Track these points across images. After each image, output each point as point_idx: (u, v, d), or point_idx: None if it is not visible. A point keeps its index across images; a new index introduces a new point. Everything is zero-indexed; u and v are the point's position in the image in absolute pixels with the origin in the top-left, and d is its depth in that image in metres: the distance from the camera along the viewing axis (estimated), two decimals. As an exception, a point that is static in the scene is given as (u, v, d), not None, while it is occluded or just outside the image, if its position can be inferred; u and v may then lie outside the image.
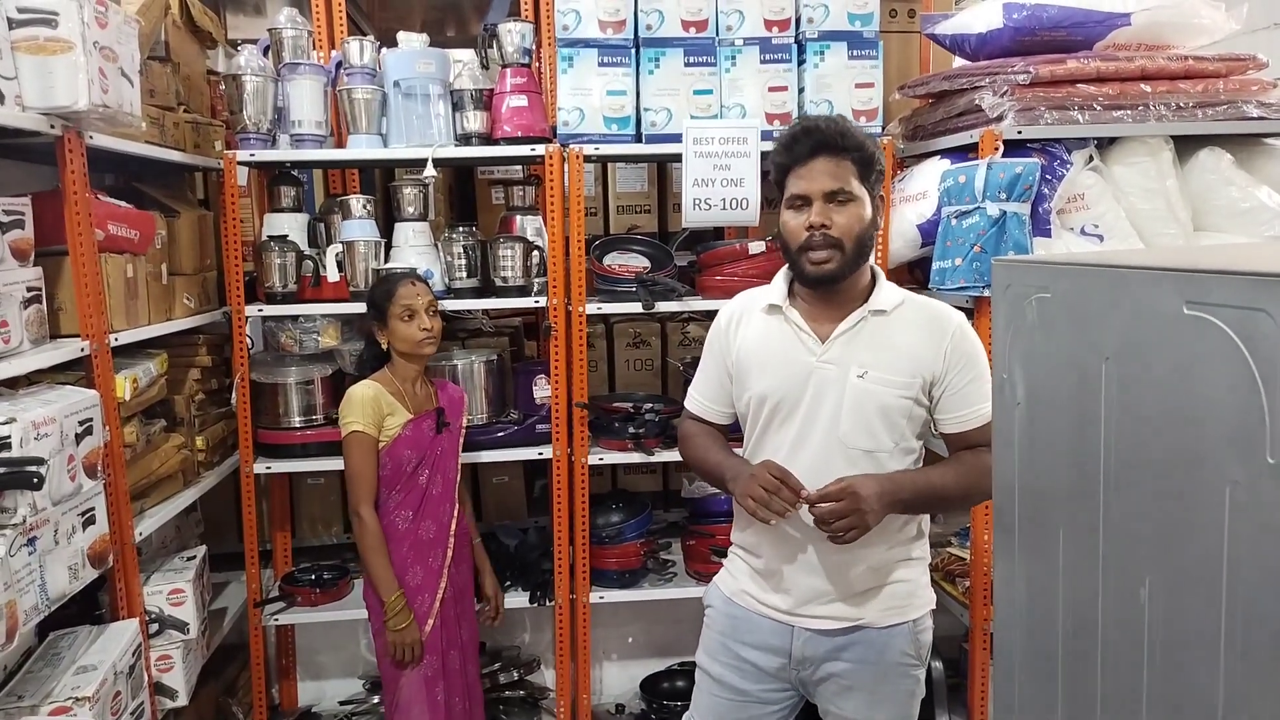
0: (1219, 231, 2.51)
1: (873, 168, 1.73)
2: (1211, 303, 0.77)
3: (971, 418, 1.75)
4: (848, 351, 1.74)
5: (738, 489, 1.74)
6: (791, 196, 1.74)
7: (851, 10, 2.74)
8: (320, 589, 2.89)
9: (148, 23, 2.39)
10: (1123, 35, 2.54)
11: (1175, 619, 0.83)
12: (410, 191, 2.78)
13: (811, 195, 1.70)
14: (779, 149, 1.77)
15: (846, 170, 1.70)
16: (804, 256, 1.72)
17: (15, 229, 1.92)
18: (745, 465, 1.80)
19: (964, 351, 1.75)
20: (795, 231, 1.73)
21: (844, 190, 1.70)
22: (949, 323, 1.77)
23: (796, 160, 1.72)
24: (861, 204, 1.71)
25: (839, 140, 1.70)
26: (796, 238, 1.73)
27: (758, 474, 1.70)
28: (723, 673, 1.89)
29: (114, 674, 2.01)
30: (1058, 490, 1.01)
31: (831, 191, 1.70)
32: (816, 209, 1.70)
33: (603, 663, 3.24)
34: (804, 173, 1.71)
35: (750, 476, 1.71)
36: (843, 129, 1.72)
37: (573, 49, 2.71)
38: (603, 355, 3.26)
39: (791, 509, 1.67)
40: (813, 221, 1.70)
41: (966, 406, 1.75)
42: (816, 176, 1.70)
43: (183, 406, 2.61)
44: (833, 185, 1.69)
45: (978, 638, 2.63)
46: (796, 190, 1.73)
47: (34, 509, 1.75)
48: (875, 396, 1.72)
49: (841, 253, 1.70)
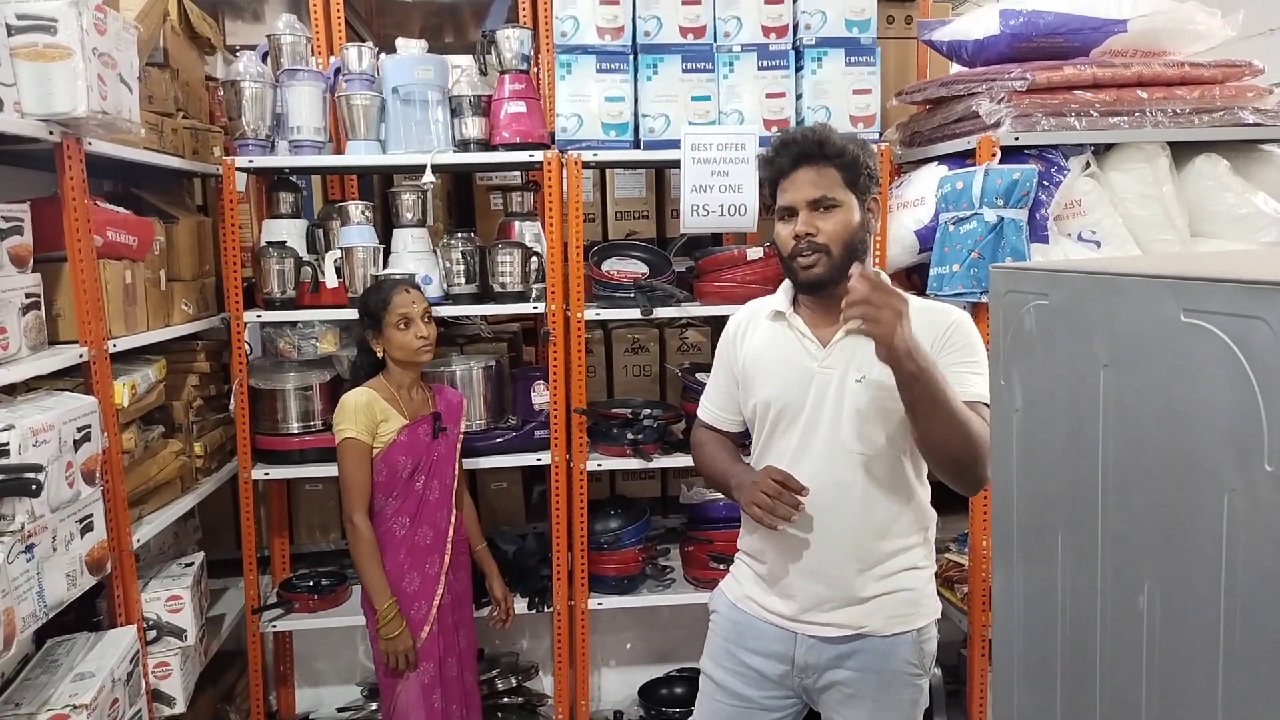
0: (1215, 237, 2.52)
1: (859, 172, 1.74)
2: (1209, 310, 0.77)
3: (964, 393, 1.64)
4: (848, 356, 1.75)
5: (742, 497, 1.76)
6: (780, 209, 1.77)
7: (849, 17, 2.75)
8: (318, 595, 2.88)
9: (146, 29, 2.39)
10: (1119, 42, 2.55)
11: (1174, 626, 0.83)
12: (409, 197, 2.79)
13: (796, 205, 1.74)
14: (763, 164, 1.81)
15: (829, 178, 1.72)
16: (795, 264, 1.76)
17: (14, 235, 1.92)
18: (749, 473, 1.81)
19: (958, 339, 1.73)
20: (785, 241, 1.76)
21: (827, 197, 1.72)
22: (947, 317, 1.76)
23: (780, 173, 1.76)
24: (848, 209, 1.73)
25: (817, 149, 1.73)
26: (787, 247, 1.76)
27: (760, 481, 1.71)
28: (726, 678, 1.88)
29: (112, 681, 2.00)
30: (1056, 497, 1.01)
31: (815, 200, 1.72)
32: (802, 218, 1.73)
33: (601, 669, 3.23)
34: (787, 185, 1.75)
35: (753, 484, 1.72)
36: (821, 138, 1.74)
37: (571, 55, 2.72)
38: (601, 361, 3.26)
39: (796, 513, 1.68)
40: (798, 231, 1.73)
41: (959, 384, 1.65)
42: (800, 187, 1.73)
43: (181, 413, 2.61)
44: (815, 194, 1.72)
45: (976, 644, 2.63)
46: (783, 202, 1.76)
47: (32, 516, 1.74)
48: (874, 400, 1.72)
49: (829, 256, 1.72)
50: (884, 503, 1.76)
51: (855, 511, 1.75)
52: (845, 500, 1.74)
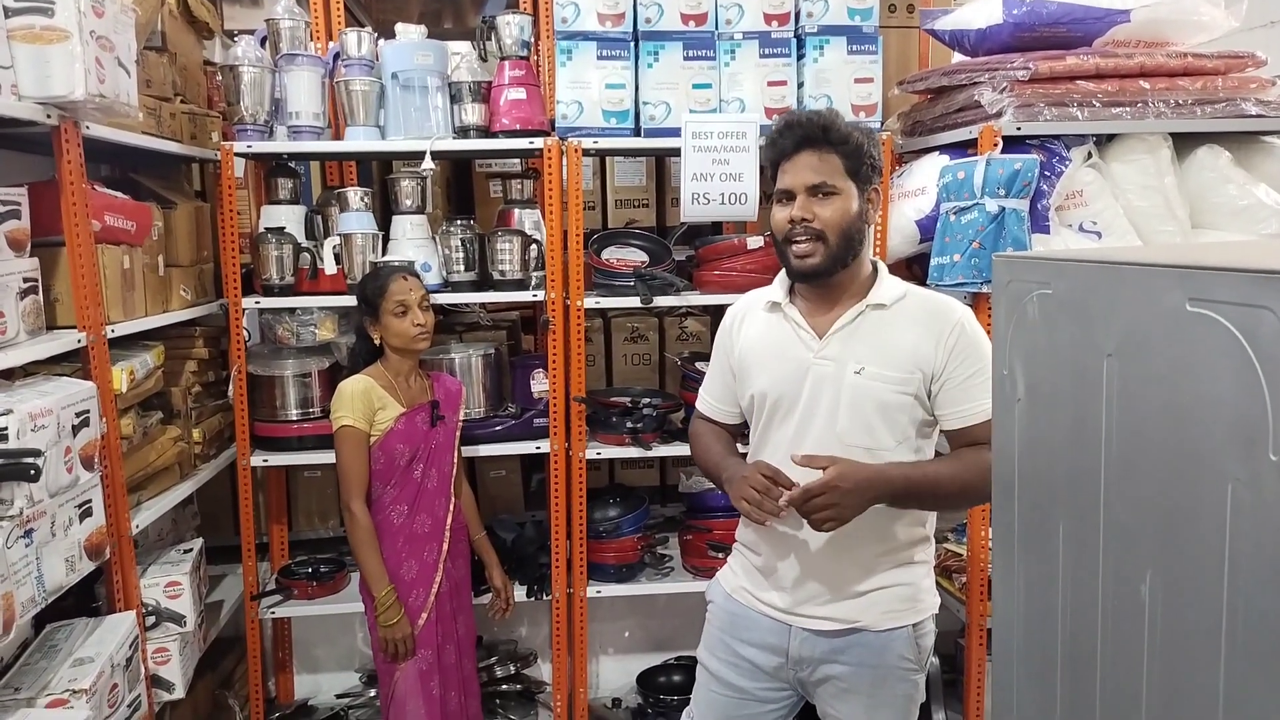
0: (1217, 229, 2.51)
1: (862, 161, 1.72)
2: (1215, 300, 0.77)
3: (973, 413, 1.69)
4: (845, 347, 1.73)
5: (732, 491, 1.75)
6: (778, 191, 1.76)
7: (851, 5, 2.74)
8: (317, 582, 2.88)
9: (144, 12, 2.38)
10: (1122, 32, 2.54)
11: (1176, 616, 0.83)
12: (408, 184, 2.78)
13: (795, 189, 1.72)
14: (767, 144, 1.80)
15: (831, 164, 1.71)
16: (789, 249, 1.74)
17: (11, 219, 1.91)
18: (741, 466, 1.80)
19: (965, 345, 1.71)
20: (780, 224, 1.75)
21: (827, 184, 1.70)
22: (951, 316, 1.73)
23: (782, 155, 1.74)
24: (847, 197, 1.71)
25: (822, 134, 1.71)
26: (781, 231, 1.75)
27: (749, 475, 1.70)
28: (721, 669, 1.89)
29: (111, 666, 2.00)
30: (1058, 487, 1.01)
31: (814, 185, 1.70)
32: (799, 203, 1.71)
33: (599, 657, 3.24)
34: (789, 167, 1.73)
35: (742, 478, 1.71)
36: (826, 123, 1.72)
37: (571, 42, 2.71)
38: (600, 349, 3.25)
39: (783, 509, 1.66)
40: (794, 215, 1.71)
41: (968, 401, 1.70)
42: (800, 170, 1.71)
43: (179, 399, 2.60)
44: (815, 179, 1.70)
45: (974, 634, 2.64)
46: (782, 184, 1.74)
47: (31, 501, 1.74)
48: (873, 393, 1.71)
49: (825, 245, 1.70)
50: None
51: None
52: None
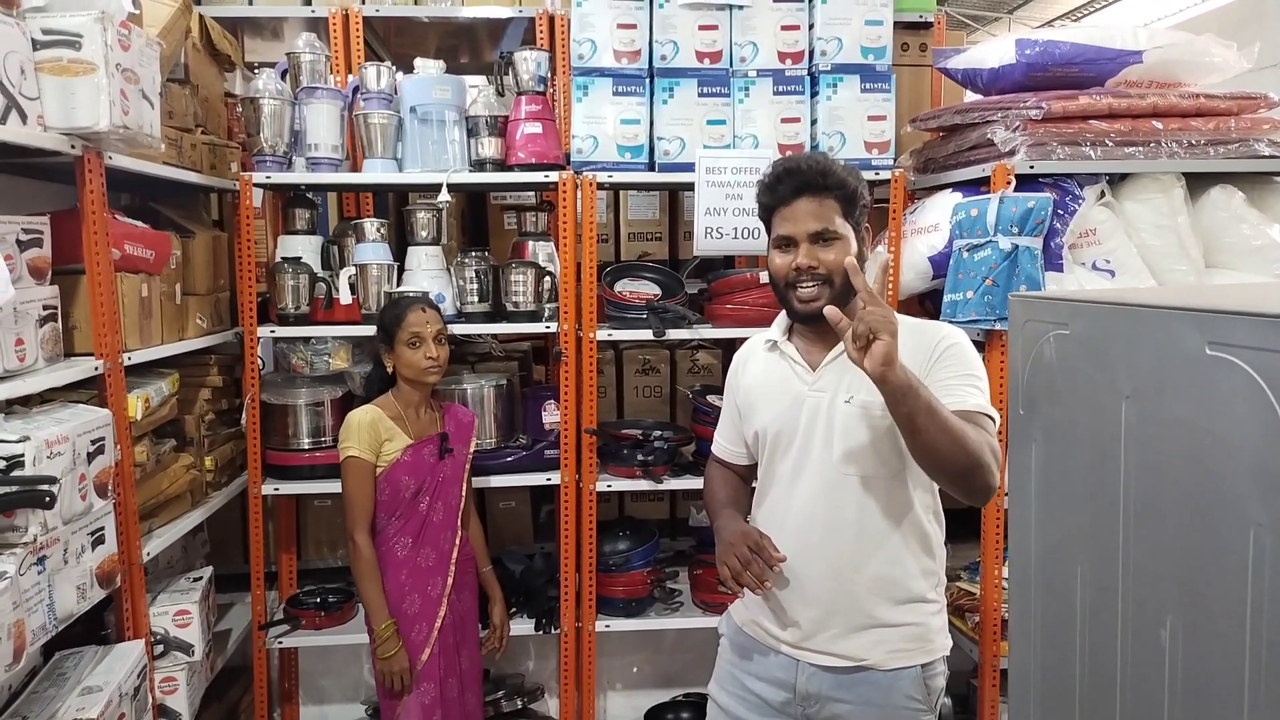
0: (1230, 269, 2.51)
1: (856, 203, 1.75)
2: (1235, 344, 0.77)
3: (954, 403, 1.61)
4: (837, 378, 1.75)
5: (716, 553, 1.75)
6: (777, 238, 1.77)
7: (865, 44, 2.77)
8: (324, 612, 2.87)
9: (169, 45, 2.42)
10: (1134, 73, 2.56)
11: (1197, 662, 0.83)
12: (423, 216, 2.80)
13: (797, 237, 1.73)
14: (762, 190, 1.79)
15: (829, 209, 1.72)
16: (792, 294, 1.75)
17: (34, 247, 1.93)
18: (732, 525, 1.80)
19: (952, 354, 1.70)
20: (782, 270, 1.76)
21: (829, 230, 1.71)
22: (937, 334, 1.74)
23: (780, 201, 1.75)
24: (846, 241, 1.73)
25: (820, 180, 1.72)
26: (783, 276, 1.76)
27: (735, 543, 1.70)
28: (730, 703, 1.87)
29: (119, 695, 2.00)
30: (1076, 528, 1.00)
31: (816, 232, 1.72)
32: (803, 251, 1.72)
33: (608, 692, 3.21)
34: (788, 214, 1.74)
35: (728, 545, 1.72)
36: (824, 168, 1.73)
37: (588, 78, 2.74)
38: (612, 381, 3.26)
39: (763, 586, 1.66)
40: (800, 264, 1.72)
41: (948, 396, 1.62)
42: (801, 218, 1.72)
43: (193, 426, 2.61)
44: (817, 226, 1.71)
45: (987, 675, 2.61)
46: (782, 232, 1.75)
47: (45, 528, 1.75)
48: (863, 420, 1.71)
49: (831, 288, 1.72)
50: (880, 526, 1.74)
51: (850, 534, 1.73)
52: (840, 523, 1.73)
